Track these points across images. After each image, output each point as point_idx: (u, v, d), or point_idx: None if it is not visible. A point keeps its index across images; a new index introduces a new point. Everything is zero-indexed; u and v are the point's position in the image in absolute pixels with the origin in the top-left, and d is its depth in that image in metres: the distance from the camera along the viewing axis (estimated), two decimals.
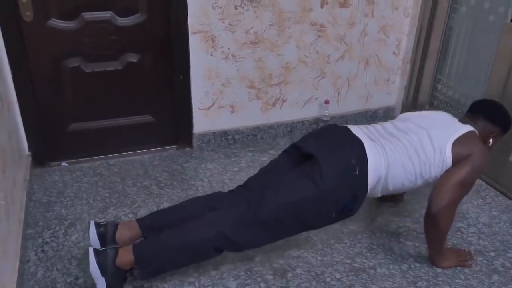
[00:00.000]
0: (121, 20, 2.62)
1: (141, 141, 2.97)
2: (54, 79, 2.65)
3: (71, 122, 2.79)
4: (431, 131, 1.95)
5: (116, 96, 2.80)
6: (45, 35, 2.51)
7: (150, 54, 2.76)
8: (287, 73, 3.02)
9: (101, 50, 2.66)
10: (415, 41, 3.16)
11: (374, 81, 3.30)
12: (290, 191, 1.85)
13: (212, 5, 2.66)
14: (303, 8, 2.86)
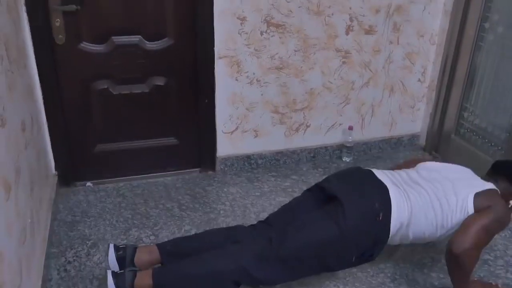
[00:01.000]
0: (149, 44, 2.67)
1: (165, 163, 3.00)
2: (83, 100, 2.70)
3: (98, 143, 2.84)
4: (455, 183, 1.95)
5: (142, 118, 2.84)
6: (75, 57, 2.58)
7: (177, 78, 2.80)
8: (311, 99, 3.03)
9: (129, 73, 2.71)
10: (441, 69, 3.14)
11: (399, 108, 3.28)
12: (313, 231, 1.86)
13: (238, 31, 2.70)
14: (329, 35, 2.88)
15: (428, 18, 3.05)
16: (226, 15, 2.65)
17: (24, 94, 2.18)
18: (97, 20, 2.55)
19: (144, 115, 2.84)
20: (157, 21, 2.65)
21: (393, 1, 2.92)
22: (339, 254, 1.88)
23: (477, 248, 1.85)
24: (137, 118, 2.83)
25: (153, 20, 2.64)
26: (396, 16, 2.97)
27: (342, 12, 2.84)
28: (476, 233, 1.81)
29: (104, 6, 2.52)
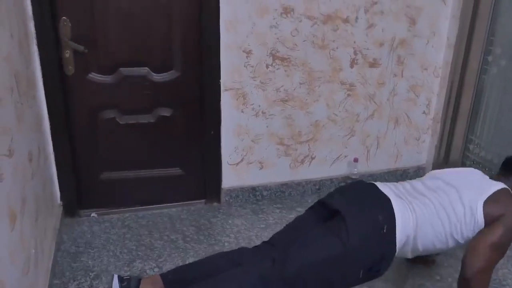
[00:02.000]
0: (156, 76, 2.72)
1: (170, 193, 3.00)
2: (90, 130, 2.74)
3: (104, 171, 2.85)
4: (461, 190, 1.90)
5: (148, 148, 2.87)
6: (84, 88, 2.64)
7: (182, 109, 2.83)
8: (316, 131, 3.05)
9: (135, 104, 2.75)
10: (445, 101, 3.16)
11: (404, 140, 3.29)
12: (316, 249, 1.81)
13: (244, 64, 2.75)
14: (333, 68, 2.92)
15: (431, 51, 3.09)
16: (232, 48, 2.70)
17: (32, 124, 2.21)
18: (105, 52, 2.60)
19: (150, 145, 2.86)
20: (164, 54, 2.70)
21: (397, 35, 2.97)
22: (344, 271, 1.81)
23: (489, 269, 1.81)
24: (143, 147, 2.86)
25: (160, 52, 2.69)
26: (400, 50, 3.01)
27: (347, 46, 2.89)
28: (486, 253, 1.77)
29: (113, 38, 2.58)
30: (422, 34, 3.02)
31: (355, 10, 2.82)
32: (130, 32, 2.60)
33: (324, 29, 2.81)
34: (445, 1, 2.98)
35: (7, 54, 1.82)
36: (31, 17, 2.37)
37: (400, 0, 2.88)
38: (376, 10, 2.86)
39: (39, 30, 2.41)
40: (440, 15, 3.01)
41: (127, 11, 2.56)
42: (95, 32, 2.55)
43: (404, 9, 2.91)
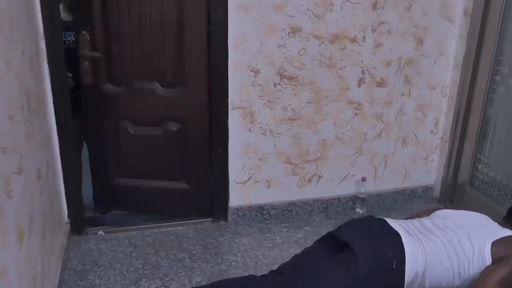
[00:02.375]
0: (165, 90, 2.79)
1: (176, 208, 3.04)
2: (102, 138, 2.88)
3: (115, 177, 2.97)
4: (470, 231, 1.90)
5: (157, 159, 2.94)
6: (99, 97, 2.79)
7: (190, 126, 2.87)
8: (323, 150, 3.04)
9: (145, 116, 2.85)
10: (453, 121, 3.15)
11: (412, 159, 3.27)
12: (326, 281, 1.81)
13: (252, 83, 2.76)
14: (341, 87, 2.93)
15: (439, 71, 3.10)
16: (241, 67, 2.72)
17: (42, 142, 2.23)
18: (119, 65, 2.74)
19: (159, 157, 2.93)
20: (173, 70, 2.76)
21: (404, 54, 2.98)
22: None
23: None
24: (152, 158, 2.93)
25: (169, 68, 2.76)
26: (407, 69, 3.02)
27: (354, 65, 2.90)
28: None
29: (126, 52, 2.71)
30: (430, 54, 3.03)
31: (362, 30, 2.84)
32: (142, 47, 2.70)
33: (332, 48, 2.82)
34: (452, 21, 2.99)
35: (19, 72, 1.84)
36: (42, 35, 2.41)
37: (407, 20, 2.90)
38: (383, 30, 2.88)
39: (50, 49, 2.44)
40: (447, 35, 3.02)
41: (139, 27, 2.66)
42: (110, 46, 2.69)
43: (411, 29, 2.93)
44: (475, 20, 2.89)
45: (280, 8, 2.66)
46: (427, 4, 2.90)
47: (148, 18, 2.65)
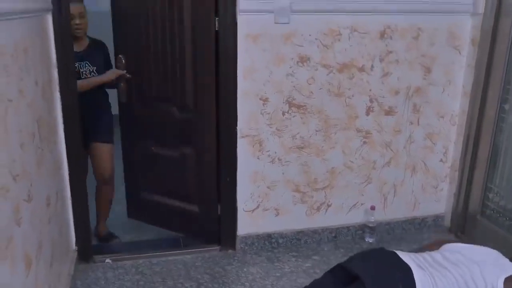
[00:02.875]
0: (180, 114, 2.93)
1: (186, 230, 3.15)
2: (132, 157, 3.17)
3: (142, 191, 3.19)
4: (483, 267, 1.88)
5: (174, 179, 3.06)
6: (133, 114, 3.07)
7: (201, 151, 2.93)
8: (332, 178, 3.03)
9: (165, 137, 3.02)
10: (463, 149, 3.13)
11: (422, 188, 3.25)
12: None
13: (261, 111, 2.78)
14: (349, 116, 2.94)
15: (447, 99, 3.10)
16: (250, 96, 2.74)
17: (51, 169, 2.24)
18: (145, 86, 2.99)
19: (176, 177, 3.05)
20: (186, 95, 2.88)
21: (412, 83, 2.99)
22: None
23: None
24: (170, 177, 3.06)
25: (185, 93, 2.89)
26: (415, 98, 3.03)
27: (362, 93, 2.91)
28: None
29: (152, 76, 2.95)
30: (438, 83, 3.04)
31: (371, 59, 2.86)
32: (163, 73, 2.91)
33: (340, 77, 2.85)
34: (460, 51, 3.01)
35: (31, 101, 1.87)
36: (55, 64, 2.45)
37: (415, 50, 2.92)
38: (391, 59, 2.90)
39: (63, 77, 2.48)
40: (455, 64, 3.04)
41: (162, 52, 2.88)
42: (139, 69, 2.97)
43: (419, 58, 2.95)
44: (482, 49, 2.91)
45: (288, 38, 2.70)
46: (434, 34, 2.93)
47: (168, 45, 2.85)
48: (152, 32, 2.87)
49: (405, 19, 2.86)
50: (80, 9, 2.83)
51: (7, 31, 1.61)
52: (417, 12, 2.86)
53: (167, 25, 2.82)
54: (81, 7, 2.84)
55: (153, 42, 2.88)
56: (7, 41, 1.60)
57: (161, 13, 2.81)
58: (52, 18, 2.37)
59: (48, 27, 2.35)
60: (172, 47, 2.84)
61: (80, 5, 2.84)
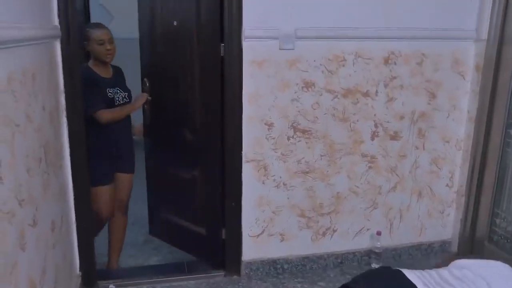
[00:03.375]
0: (191, 137, 3.04)
1: (192, 251, 3.19)
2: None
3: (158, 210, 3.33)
4: (491, 282, 1.84)
5: (186, 200, 3.16)
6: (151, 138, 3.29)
7: (208, 174, 2.98)
8: (338, 203, 3.02)
9: (179, 159, 3.16)
10: (468, 174, 3.12)
11: (428, 213, 3.23)
12: None
13: (266, 136, 2.79)
14: (354, 140, 2.94)
15: (452, 124, 3.10)
16: (255, 121, 2.75)
17: (57, 194, 2.25)
18: (161, 108, 3.15)
19: (187, 198, 3.15)
20: (196, 119, 2.99)
21: (417, 108, 3.00)
22: None
23: None
24: (183, 198, 3.18)
25: (194, 117, 3.00)
26: (420, 123, 3.03)
27: (367, 118, 2.92)
28: None
29: (168, 100, 3.13)
30: (442, 108, 3.05)
31: (375, 84, 2.88)
32: (179, 97, 3.08)
33: (345, 102, 2.86)
34: (464, 76, 3.03)
35: (38, 126, 1.89)
36: (62, 90, 2.48)
37: (419, 75, 2.94)
38: (396, 85, 2.92)
39: (69, 103, 2.51)
40: (459, 89, 3.05)
41: (175, 76, 3.06)
42: (159, 92, 3.13)
43: (423, 84, 2.96)
44: (486, 75, 2.92)
45: (293, 63, 2.73)
46: (438, 59, 2.95)
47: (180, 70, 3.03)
48: (168, 58, 3.00)
49: (409, 45, 2.88)
50: (109, 35, 2.85)
51: (16, 58, 1.64)
52: (420, 39, 2.89)
53: (179, 51, 2.95)
54: (109, 33, 2.86)
55: (168, 67, 3.02)
56: (16, 67, 1.63)
57: (173, 38, 2.95)
58: (61, 45, 2.41)
59: (56, 53, 2.39)
60: (184, 72, 2.97)
61: (108, 30, 2.87)
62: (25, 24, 1.80)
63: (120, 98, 2.92)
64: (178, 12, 2.96)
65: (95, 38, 2.80)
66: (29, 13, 1.90)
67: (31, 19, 1.94)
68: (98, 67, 2.87)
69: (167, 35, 3.05)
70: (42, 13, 2.16)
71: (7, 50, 1.51)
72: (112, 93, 2.87)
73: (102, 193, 2.90)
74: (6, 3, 1.57)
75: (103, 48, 2.80)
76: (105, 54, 2.82)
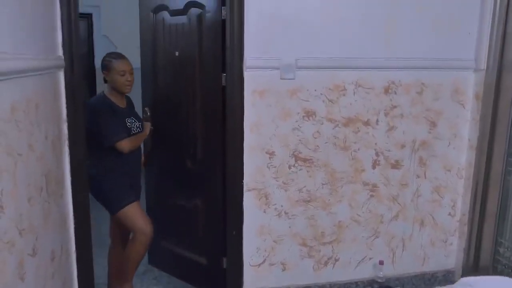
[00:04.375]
0: (192, 165, 3.06)
1: (193, 282, 3.17)
2: None
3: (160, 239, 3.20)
4: None
5: (187, 229, 3.16)
6: None
7: (208, 203, 2.99)
8: (339, 232, 3.00)
9: (180, 187, 3.17)
10: (471, 203, 3.11)
11: (431, 242, 3.20)
12: None
13: (267, 165, 2.79)
14: (355, 169, 2.94)
15: (453, 153, 3.11)
16: (256, 149, 2.76)
17: (57, 223, 2.24)
18: (163, 138, 3.19)
19: (188, 228, 3.16)
20: (197, 148, 3.03)
21: (418, 137, 3.01)
22: None
23: None
24: (184, 227, 3.17)
25: (194, 146, 3.03)
26: (421, 151, 3.04)
27: (368, 147, 2.93)
28: None
29: (167, 129, 3.18)
30: (443, 136, 3.06)
31: (375, 113, 2.90)
32: (179, 125, 3.12)
33: (346, 131, 2.88)
34: (464, 105, 3.05)
35: (40, 155, 1.90)
36: (65, 119, 2.49)
37: (419, 104, 2.96)
38: (396, 114, 2.94)
39: (72, 132, 2.52)
40: (459, 118, 3.06)
41: (176, 105, 3.13)
42: (160, 121, 3.19)
43: (423, 113, 2.98)
44: (486, 103, 2.94)
45: (294, 93, 2.75)
46: (438, 89, 2.97)
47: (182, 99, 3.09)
48: (169, 87, 3.06)
49: (409, 75, 2.91)
50: (130, 66, 2.85)
51: (20, 88, 1.66)
52: (420, 68, 2.92)
53: (180, 81, 3.01)
54: (130, 64, 2.86)
55: (170, 96, 3.07)
56: (20, 97, 1.65)
57: (174, 69, 2.97)
58: (64, 75, 2.44)
59: (60, 83, 2.41)
60: (186, 101, 3.02)
61: (129, 61, 2.86)
62: (29, 55, 1.83)
63: (135, 127, 2.92)
64: (180, 42, 3.01)
65: (116, 68, 2.80)
66: (34, 44, 1.94)
67: (36, 50, 1.97)
68: (115, 97, 2.87)
69: (168, 65, 3.10)
70: (47, 43, 2.20)
71: (11, 80, 1.53)
72: (130, 123, 2.88)
73: (135, 208, 2.83)
74: (11, 35, 1.60)
75: (124, 79, 2.80)
76: (125, 86, 2.82)
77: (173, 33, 3.07)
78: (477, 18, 2.94)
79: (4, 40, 1.53)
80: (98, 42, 5.94)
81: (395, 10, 2.83)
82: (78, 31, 2.49)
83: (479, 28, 2.94)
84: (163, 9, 3.11)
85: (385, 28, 2.83)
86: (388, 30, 2.83)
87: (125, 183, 2.86)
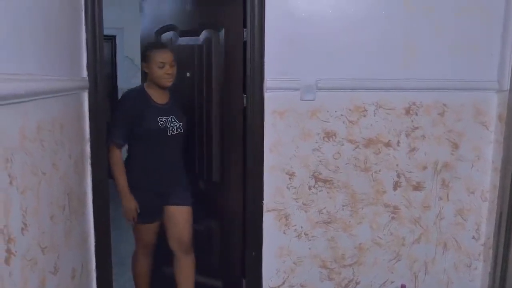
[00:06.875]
0: (205, 188, 3.05)
1: None
2: None
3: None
4: None
5: (199, 253, 3.02)
6: None
7: (226, 225, 2.97)
8: (360, 254, 2.96)
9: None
10: (495, 226, 3.03)
11: (454, 266, 3.13)
12: None
13: (287, 185, 2.79)
14: (376, 190, 2.91)
15: (477, 175, 3.05)
16: (276, 170, 2.76)
17: (79, 241, 2.26)
18: None
19: (201, 252, 3.04)
20: (212, 170, 3.02)
21: (440, 158, 2.97)
22: None
23: None
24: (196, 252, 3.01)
25: (209, 168, 3.02)
26: (444, 173, 2.99)
27: (389, 168, 2.90)
28: None
29: None
30: (466, 158, 3.01)
31: (396, 135, 2.88)
32: (192, 148, 3.09)
33: (366, 152, 2.86)
34: (487, 126, 3.00)
35: (63, 174, 1.93)
36: (88, 139, 2.54)
37: (441, 125, 2.93)
38: (418, 135, 2.91)
39: (94, 151, 2.56)
40: (482, 139, 3.01)
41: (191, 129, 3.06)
42: None
43: (445, 134, 2.95)
44: (510, 125, 2.89)
45: (314, 114, 2.76)
46: (460, 110, 2.94)
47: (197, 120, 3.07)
48: (187, 108, 3.02)
49: (430, 96, 2.89)
50: (172, 57, 2.65)
51: (47, 108, 1.70)
52: (441, 89, 2.90)
53: (192, 102, 3.01)
54: (172, 55, 2.65)
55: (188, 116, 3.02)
56: (46, 117, 1.69)
57: (191, 89, 2.97)
58: (88, 96, 2.49)
59: (84, 104, 2.47)
60: (200, 122, 3.01)
61: (171, 52, 2.65)
62: (55, 76, 1.88)
63: (174, 128, 2.72)
64: (191, 63, 3.01)
65: (155, 59, 2.62)
66: (60, 66, 1.99)
67: (61, 71, 2.02)
68: (154, 90, 2.70)
69: (180, 85, 2.98)
70: (72, 65, 2.25)
71: (38, 101, 1.57)
72: (164, 122, 2.68)
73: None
74: (36, 57, 1.64)
75: (162, 72, 2.62)
76: (164, 79, 2.65)
77: (181, 54, 3.00)
78: (500, 38, 2.92)
79: (30, 62, 1.57)
80: (121, 63, 6.07)
81: (415, 31, 2.83)
82: (103, 53, 2.54)
83: (502, 49, 2.91)
84: (170, 30, 3.09)
85: (405, 49, 2.83)
86: (408, 50, 2.83)
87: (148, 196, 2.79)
